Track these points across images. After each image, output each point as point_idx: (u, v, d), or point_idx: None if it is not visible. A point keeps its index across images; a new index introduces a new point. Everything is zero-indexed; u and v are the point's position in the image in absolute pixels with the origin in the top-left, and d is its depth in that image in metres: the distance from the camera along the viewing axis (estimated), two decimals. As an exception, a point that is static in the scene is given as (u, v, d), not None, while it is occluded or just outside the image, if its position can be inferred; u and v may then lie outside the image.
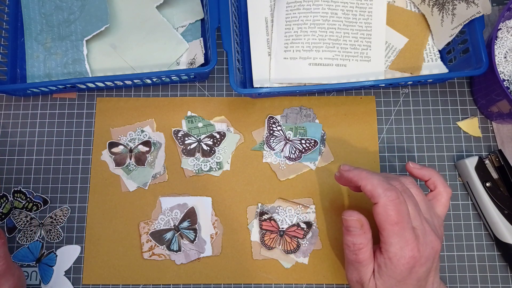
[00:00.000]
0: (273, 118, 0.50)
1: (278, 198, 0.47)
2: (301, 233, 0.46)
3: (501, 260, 0.47)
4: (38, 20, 0.52)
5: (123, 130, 0.50)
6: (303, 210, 0.47)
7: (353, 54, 0.48)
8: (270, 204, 0.47)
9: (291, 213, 0.47)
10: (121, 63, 0.51)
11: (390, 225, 0.34)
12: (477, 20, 0.45)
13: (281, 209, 0.47)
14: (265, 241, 0.46)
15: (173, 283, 0.47)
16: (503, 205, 0.44)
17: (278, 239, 0.46)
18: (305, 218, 0.46)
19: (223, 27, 0.45)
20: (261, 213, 0.46)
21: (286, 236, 0.46)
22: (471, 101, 0.51)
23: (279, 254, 0.46)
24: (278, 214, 0.47)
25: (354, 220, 0.37)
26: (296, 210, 0.47)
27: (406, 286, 0.35)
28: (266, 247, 0.46)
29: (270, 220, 0.46)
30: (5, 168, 0.50)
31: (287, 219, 0.46)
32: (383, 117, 0.50)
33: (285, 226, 0.46)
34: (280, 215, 0.47)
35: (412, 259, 0.34)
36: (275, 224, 0.46)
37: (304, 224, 0.46)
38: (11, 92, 0.51)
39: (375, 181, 0.35)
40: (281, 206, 0.47)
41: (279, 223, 0.46)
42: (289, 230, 0.46)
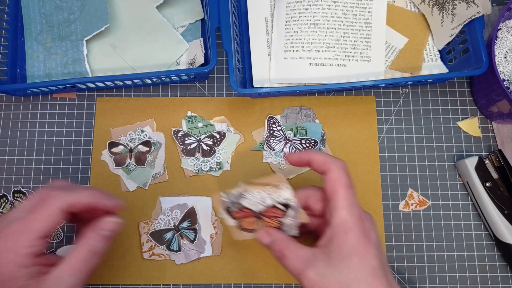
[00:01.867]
0: (273, 118, 0.50)
1: (242, 182, 0.40)
2: (280, 213, 0.39)
3: (501, 260, 0.47)
4: (38, 20, 0.52)
5: (123, 130, 0.50)
6: (274, 190, 0.39)
7: (353, 54, 0.48)
8: (235, 190, 0.40)
9: (262, 195, 0.39)
10: (121, 63, 0.51)
11: (344, 188, 0.35)
12: (477, 20, 0.45)
13: (248, 194, 0.40)
14: (243, 226, 0.40)
15: (173, 283, 0.47)
16: (503, 205, 0.44)
17: (257, 222, 0.40)
18: (280, 197, 0.39)
19: (223, 27, 0.45)
20: (227, 209, 0.40)
21: (265, 218, 0.40)
22: (471, 101, 0.51)
23: None
24: (247, 199, 0.40)
25: (260, 233, 0.38)
26: (266, 191, 0.39)
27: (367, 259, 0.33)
28: (246, 230, 0.40)
29: (241, 210, 0.40)
30: (5, 168, 0.50)
31: (259, 203, 0.40)
32: (383, 117, 0.50)
33: (260, 208, 0.40)
34: (250, 199, 0.40)
35: (361, 221, 0.34)
36: (248, 210, 0.40)
37: (281, 205, 0.39)
38: (11, 92, 0.51)
39: (323, 154, 0.38)
40: (248, 191, 0.40)
41: (252, 207, 0.40)
42: (266, 212, 0.40)
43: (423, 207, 0.48)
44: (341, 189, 0.35)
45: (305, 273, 0.33)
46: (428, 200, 0.48)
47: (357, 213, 0.35)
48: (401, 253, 0.47)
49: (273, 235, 0.38)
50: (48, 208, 0.34)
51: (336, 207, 0.35)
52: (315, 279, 0.33)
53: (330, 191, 0.36)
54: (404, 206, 0.48)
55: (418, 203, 0.48)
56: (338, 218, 0.34)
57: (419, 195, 0.48)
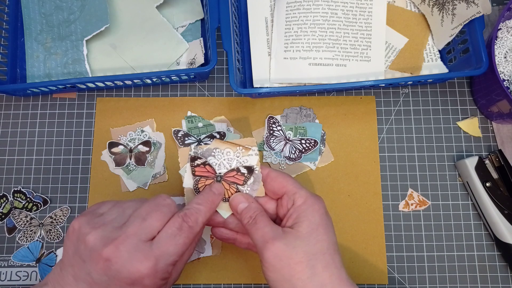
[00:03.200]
0: (273, 118, 0.50)
1: (215, 139, 0.41)
2: (241, 178, 0.39)
3: (501, 260, 0.47)
4: (38, 20, 0.52)
5: (123, 130, 0.50)
6: (243, 153, 0.40)
7: (353, 54, 0.48)
8: (206, 146, 0.40)
9: (230, 155, 0.40)
10: (121, 63, 0.51)
11: (289, 176, 0.38)
12: (477, 20, 0.45)
13: (218, 152, 0.40)
14: (199, 188, 0.40)
15: (173, 283, 0.47)
16: (503, 205, 0.44)
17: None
18: (246, 162, 0.40)
19: (223, 27, 0.45)
20: (193, 158, 0.39)
21: (223, 182, 0.39)
22: (471, 101, 0.51)
23: None
24: (215, 157, 0.40)
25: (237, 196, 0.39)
26: (235, 152, 0.40)
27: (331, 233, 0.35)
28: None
29: (205, 165, 0.39)
30: (5, 168, 0.50)
31: (225, 163, 0.40)
32: (383, 117, 0.50)
33: (222, 171, 0.40)
34: (217, 158, 0.40)
35: (320, 200, 0.37)
36: (211, 169, 0.39)
37: (245, 168, 0.39)
38: (11, 92, 0.51)
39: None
40: (218, 148, 0.40)
41: (216, 167, 0.40)
42: (227, 176, 0.39)
43: (423, 207, 0.48)
44: (288, 178, 0.38)
45: (273, 242, 0.34)
46: (428, 200, 0.48)
47: (314, 193, 0.38)
48: (401, 253, 0.47)
49: (249, 201, 0.38)
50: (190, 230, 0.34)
51: (295, 190, 0.37)
52: (282, 248, 0.33)
53: (280, 184, 0.38)
54: (404, 206, 0.48)
55: (418, 203, 0.48)
56: (300, 197, 0.36)
57: (419, 195, 0.48)
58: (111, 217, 0.34)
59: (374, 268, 0.46)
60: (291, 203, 0.37)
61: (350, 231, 0.47)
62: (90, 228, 0.32)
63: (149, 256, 0.31)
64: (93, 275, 0.31)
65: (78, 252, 0.32)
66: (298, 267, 0.33)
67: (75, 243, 0.33)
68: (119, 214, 0.34)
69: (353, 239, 0.47)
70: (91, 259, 0.31)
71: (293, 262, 0.33)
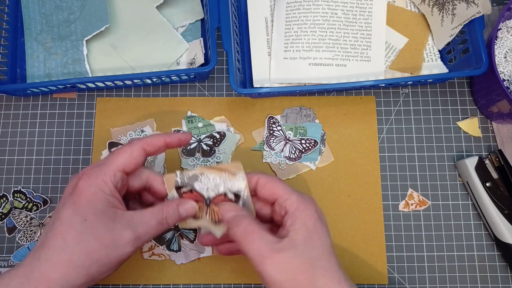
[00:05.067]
0: (273, 118, 0.50)
1: (200, 166, 0.41)
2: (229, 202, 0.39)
3: (501, 260, 0.47)
4: (38, 20, 0.52)
5: (123, 130, 0.50)
6: (230, 178, 0.39)
7: (353, 54, 0.48)
8: (192, 172, 0.39)
9: (217, 181, 0.39)
10: (121, 63, 0.51)
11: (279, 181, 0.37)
12: (477, 20, 0.45)
13: (204, 177, 0.39)
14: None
15: (173, 283, 0.47)
16: (503, 205, 0.44)
17: (205, 208, 0.39)
18: (233, 187, 0.38)
19: (223, 27, 0.45)
20: (178, 187, 0.39)
21: (213, 205, 0.39)
22: (471, 101, 0.51)
23: (208, 223, 0.39)
24: (201, 183, 0.39)
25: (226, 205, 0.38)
26: (221, 178, 0.39)
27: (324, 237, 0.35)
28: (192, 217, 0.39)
29: (192, 192, 0.39)
30: (5, 168, 0.50)
31: (212, 188, 0.39)
32: (383, 117, 0.50)
33: (211, 194, 0.39)
34: (204, 183, 0.39)
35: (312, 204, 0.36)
36: (198, 194, 0.39)
37: (232, 194, 0.38)
38: (11, 92, 0.51)
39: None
40: (204, 174, 0.39)
41: (204, 192, 0.39)
42: (216, 199, 0.39)
43: (423, 207, 0.48)
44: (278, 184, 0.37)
45: (272, 256, 0.33)
46: (428, 200, 0.48)
47: (306, 196, 0.37)
48: (401, 253, 0.47)
49: (238, 210, 0.37)
50: (130, 146, 0.37)
51: (286, 196, 0.36)
52: (283, 261, 0.32)
53: (270, 191, 0.37)
54: (404, 206, 0.48)
55: (418, 203, 0.48)
56: (292, 203, 0.35)
57: (419, 195, 0.48)
58: None
59: (374, 268, 0.46)
60: (284, 210, 0.36)
61: (350, 231, 0.47)
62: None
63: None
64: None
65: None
66: (300, 277, 0.32)
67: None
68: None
69: (353, 239, 0.47)
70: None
71: (296, 273, 0.32)
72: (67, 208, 0.34)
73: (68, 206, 0.34)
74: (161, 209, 0.37)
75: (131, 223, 0.35)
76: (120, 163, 0.36)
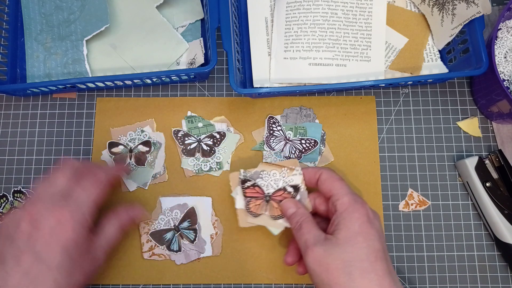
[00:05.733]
0: (273, 118, 0.50)
1: (262, 162, 0.44)
2: (289, 197, 0.43)
3: (501, 260, 0.47)
4: (38, 20, 0.52)
5: (123, 130, 0.50)
6: (289, 173, 0.43)
7: (353, 54, 0.48)
8: (254, 169, 0.44)
9: (276, 177, 0.43)
10: (121, 63, 0.51)
11: (338, 180, 0.39)
12: (477, 20, 0.45)
13: (265, 174, 0.43)
14: (250, 208, 0.43)
15: (173, 283, 0.47)
16: (503, 205, 0.44)
17: (264, 205, 0.43)
18: (291, 181, 0.43)
19: (223, 27, 0.45)
20: (243, 180, 0.43)
21: (272, 202, 0.43)
22: (471, 101, 0.51)
23: (267, 220, 0.43)
24: (262, 179, 0.43)
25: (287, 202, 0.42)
26: (281, 173, 0.43)
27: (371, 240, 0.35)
28: (252, 214, 0.43)
29: (254, 187, 0.43)
30: (5, 168, 0.50)
31: (272, 183, 0.43)
32: (383, 117, 0.50)
33: (270, 191, 0.43)
34: (265, 179, 0.43)
35: (364, 207, 0.37)
36: (260, 190, 0.43)
37: (291, 187, 0.43)
38: (11, 92, 0.51)
39: (310, 167, 0.43)
40: (265, 171, 0.44)
41: (264, 188, 0.43)
42: (275, 195, 0.43)
43: (423, 207, 0.48)
44: (336, 182, 0.39)
45: (313, 248, 0.36)
46: (428, 200, 0.48)
47: (359, 199, 0.38)
48: (401, 253, 0.47)
49: (297, 207, 0.41)
50: (102, 186, 0.40)
51: (338, 196, 0.38)
52: (321, 254, 0.35)
53: (327, 188, 0.40)
54: (404, 206, 0.48)
55: (418, 203, 0.48)
56: (342, 204, 0.38)
57: (419, 195, 0.48)
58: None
59: (374, 268, 0.46)
60: (334, 208, 0.38)
61: (350, 231, 0.47)
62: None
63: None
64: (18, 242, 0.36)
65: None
66: (335, 272, 0.34)
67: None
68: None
69: (353, 239, 0.47)
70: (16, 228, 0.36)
71: (330, 268, 0.35)
72: (54, 251, 0.36)
73: (54, 249, 0.36)
74: (116, 220, 0.42)
75: (101, 244, 0.40)
76: (95, 196, 0.39)
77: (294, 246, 0.42)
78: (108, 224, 0.41)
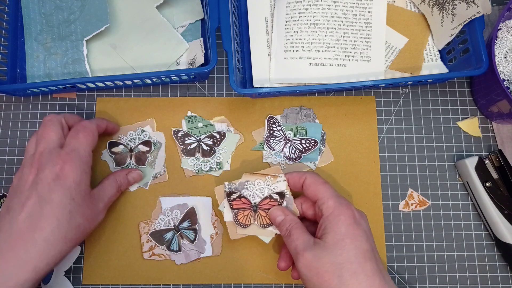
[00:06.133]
0: (273, 118, 0.50)
1: (245, 173, 0.44)
2: (275, 204, 0.43)
3: (501, 260, 0.47)
4: (38, 20, 0.52)
5: (123, 130, 0.50)
6: (273, 181, 0.43)
7: (353, 54, 0.48)
8: (238, 181, 0.44)
9: (261, 185, 0.44)
10: (121, 63, 0.51)
11: (322, 184, 0.40)
12: (477, 20, 0.45)
13: (249, 184, 0.44)
14: (239, 219, 0.43)
15: (173, 283, 0.47)
16: (503, 205, 0.44)
17: (253, 215, 0.43)
18: (276, 189, 0.43)
19: (223, 27, 0.45)
20: (229, 193, 0.43)
21: (260, 211, 0.43)
22: (471, 101, 0.51)
23: (257, 229, 0.43)
24: (248, 189, 0.44)
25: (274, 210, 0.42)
26: (265, 181, 0.44)
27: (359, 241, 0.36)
28: (241, 225, 0.43)
29: (240, 198, 0.43)
30: (5, 168, 0.50)
31: (258, 193, 0.43)
32: (383, 117, 0.50)
33: (257, 200, 0.43)
34: (250, 189, 0.44)
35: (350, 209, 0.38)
36: (246, 200, 0.43)
37: (277, 194, 0.43)
38: (11, 92, 0.51)
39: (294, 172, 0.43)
40: (249, 181, 0.44)
41: (250, 199, 0.43)
42: (262, 204, 0.43)
43: (423, 207, 0.48)
44: (320, 186, 0.40)
45: (303, 254, 0.37)
46: (428, 200, 0.48)
47: (344, 201, 0.39)
48: (401, 253, 0.47)
49: (285, 214, 0.41)
50: (93, 130, 0.44)
51: (323, 200, 0.39)
52: (310, 259, 0.36)
53: (312, 193, 0.40)
54: (404, 206, 0.48)
55: (418, 203, 0.48)
56: (327, 208, 0.38)
57: (419, 195, 0.48)
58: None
59: (374, 268, 0.46)
60: (321, 212, 0.39)
61: (350, 231, 0.47)
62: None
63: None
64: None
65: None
66: (326, 276, 0.35)
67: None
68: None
69: (353, 239, 0.47)
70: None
71: (321, 271, 0.35)
72: (57, 191, 0.38)
73: (58, 190, 0.38)
74: (114, 180, 0.45)
75: (100, 196, 0.43)
76: (90, 145, 0.42)
77: (286, 251, 0.43)
78: (108, 181, 0.45)
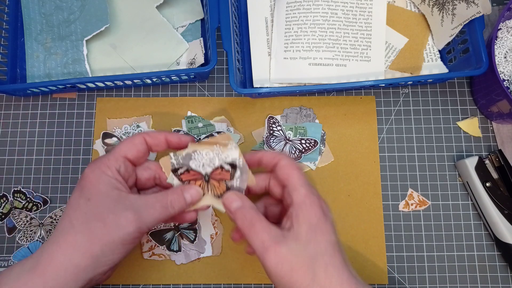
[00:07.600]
0: (273, 118, 0.50)
1: (191, 143, 0.40)
2: (227, 174, 0.39)
3: (501, 260, 0.47)
4: (38, 20, 0.52)
5: (119, 122, 0.50)
6: (223, 149, 0.39)
7: (353, 54, 0.48)
8: (184, 151, 0.40)
9: (210, 155, 0.39)
10: (121, 63, 0.51)
11: (296, 170, 0.37)
12: (477, 20, 0.45)
13: (197, 154, 0.40)
14: None
15: (173, 283, 0.47)
16: (503, 205, 0.44)
17: (206, 185, 0.40)
18: (227, 157, 0.39)
19: (223, 27, 0.45)
20: (174, 170, 0.40)
21: (212, 181, 0.39)
22: (471, 101, 0.51)
23: (211, 199, 0.39)
24: (196, 160, 0.39)
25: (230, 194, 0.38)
26: (214, 151, 0.39)
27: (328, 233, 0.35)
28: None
29: (189, 171, 0.40)
30: (5, 168, 0.50)
31: (208, 162, 0.39)
32: (383, 117, 0.50)
33: (208, 170, 0.39)
34: (198, 160, 0.39)
35: (319, 199, 0.36)
36: (196, 172, 0.40)
37: (228, 165, 0.39)
38: (11, 92, 0.51)
39: (270, 151, 0.41)
40: (196, 150, 0.40)
41: (200, 169, 0.39)
42: (214, 174, 0.39)
43: (423, 207, 0.48)
44: (294, 171, 0.37)
45: (275, 248, 0.33)
46: (428, 200, 0.48)
47: (315, 191, 0.37)
48: (401, 253, 0.47)
49: (243, 201, 0.37)
50: (132, 137, 0.39)
51: (295, 186, 0.36)
52: (284, 254, 0.33)
53: (285, 175, 0.37)
54: (404, 206, 0.48)
55: (418, 203, 0.48)
56: (299, 195, 0.36)
57: (419, 195, 0.48)
58: None
59: (374, 268, 0.46)
60: (290, 199, 0.36)
61: (350, 231, 0.47)
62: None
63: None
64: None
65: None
66: (300, 272, 0.33)
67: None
68: None
69: (353, 239, 0.47)
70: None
71: (295, 268, 0.33)
72: (74, 192, 0.36)
73: (75, 190, 0.36)
74: (165, 194, 0.37)
75: (134, 204, 0.36)
76: (122, 150, 0.38)
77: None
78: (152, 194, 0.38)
